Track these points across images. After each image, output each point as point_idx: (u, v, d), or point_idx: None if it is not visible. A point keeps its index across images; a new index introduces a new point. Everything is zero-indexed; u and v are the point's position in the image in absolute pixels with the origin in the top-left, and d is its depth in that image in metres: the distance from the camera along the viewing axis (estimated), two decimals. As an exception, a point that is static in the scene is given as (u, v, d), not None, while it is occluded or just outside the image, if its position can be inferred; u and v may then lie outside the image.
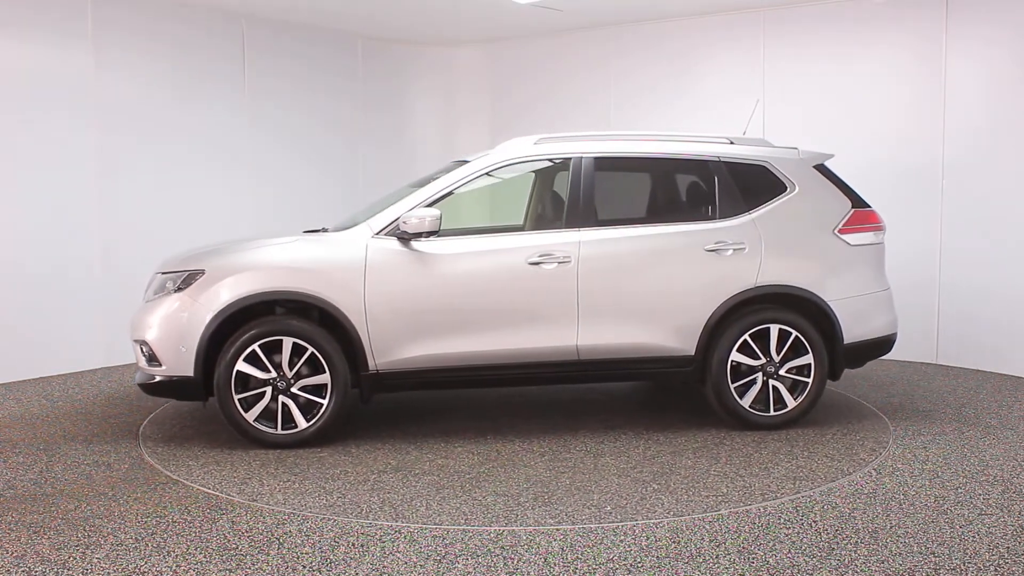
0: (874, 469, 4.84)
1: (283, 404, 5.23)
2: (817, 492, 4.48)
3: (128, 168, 7.72)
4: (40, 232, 7.21)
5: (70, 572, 3.57)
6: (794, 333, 5.52)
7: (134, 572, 3.57)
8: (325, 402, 5.25)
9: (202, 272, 5.26)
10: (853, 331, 5.63)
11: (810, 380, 5.56)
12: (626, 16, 8.70)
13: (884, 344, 5.83)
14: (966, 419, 5.86)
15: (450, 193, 5.48)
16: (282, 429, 5.24)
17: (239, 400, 5.19)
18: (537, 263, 5.36)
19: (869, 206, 5.81)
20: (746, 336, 5.49)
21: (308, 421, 5.25)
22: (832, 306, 5.58)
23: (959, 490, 4.49)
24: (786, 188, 5.68)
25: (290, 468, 4.94)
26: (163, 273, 5.45)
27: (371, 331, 5.23)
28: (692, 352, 5.50)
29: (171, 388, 5.31)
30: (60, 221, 7.32)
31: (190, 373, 5.17)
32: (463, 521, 4.12)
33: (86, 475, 4.81)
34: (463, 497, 4.44)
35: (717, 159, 5.69)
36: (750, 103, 7.77)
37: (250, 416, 5.21)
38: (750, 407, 5.54)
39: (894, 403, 6.30)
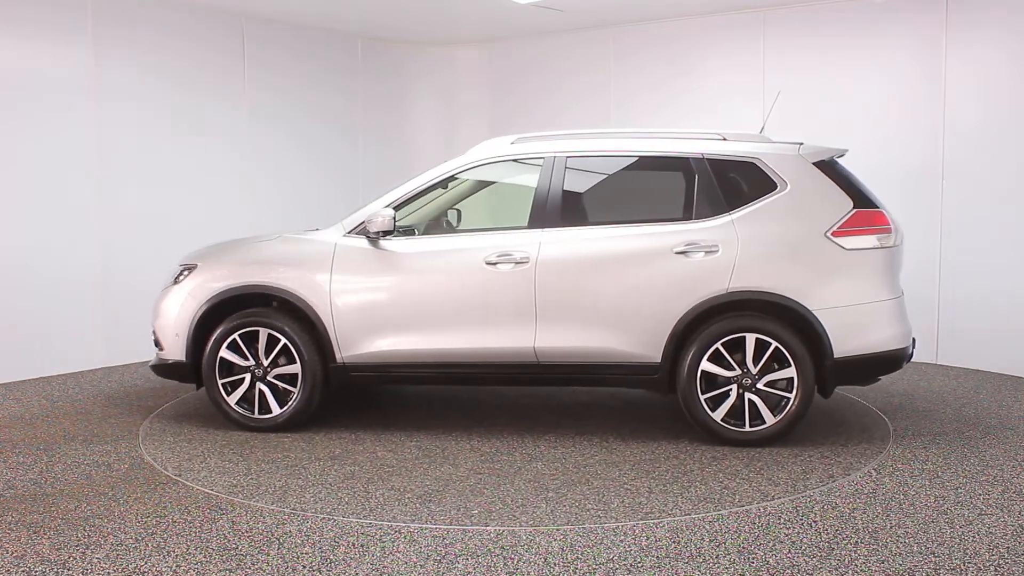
0: (874, 469, 4.84)
1: (260, 391, 5.58)
2: (817, 492, 4.48)
3: (128, 167, 7.71)
4: (40, 232, 7.20)
5: (70, 572, 3.57)
6: (773, 344, 5.09)
7: (134, 572, 3.57)
8: (296, 391, 5.52)
9: (195, 266, 5.76)
10: (846, 344, 5.11)
11: (792, 395, 5.12)
12: (626, 16, 8.70)
13: (888, 360, 5.24)
14: (966, 419, 5.86)
15: (421, 194, 5.63)
16: (259, 414, 5.58)
17: (223, 385, 5.60)
18: (494, 263, 5.35)
19: (877, 207, 5.27)
20: (718, 345, 5.13)
21: (281, 408, 5.56)
22: (818, 316, 5.09)
23: (959, 490, 4.49)
24: (776, 187, 5.25)
25: (242, 451, 5.25)
26: (179, 265, 5.93)
27: (336, 325, 5.47)
28: (658, 360, 5.23)
29: (170, 370, 5.77)
30: (60, 221, 7.31)
31: (183, 358, 5.65)
32: (329, 511, 4.25)
33: (86, 475, 4.81)
34: (357, 490, 4.56)
35: (700, 156, 5.36)
36: (750, 103, 7.79)
37: (231, 400, 5.59)
38: (723, 421, 5.18)
39: (894, 403, 6.29)
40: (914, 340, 5.50)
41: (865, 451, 5.16)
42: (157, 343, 5.82)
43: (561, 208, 5.42)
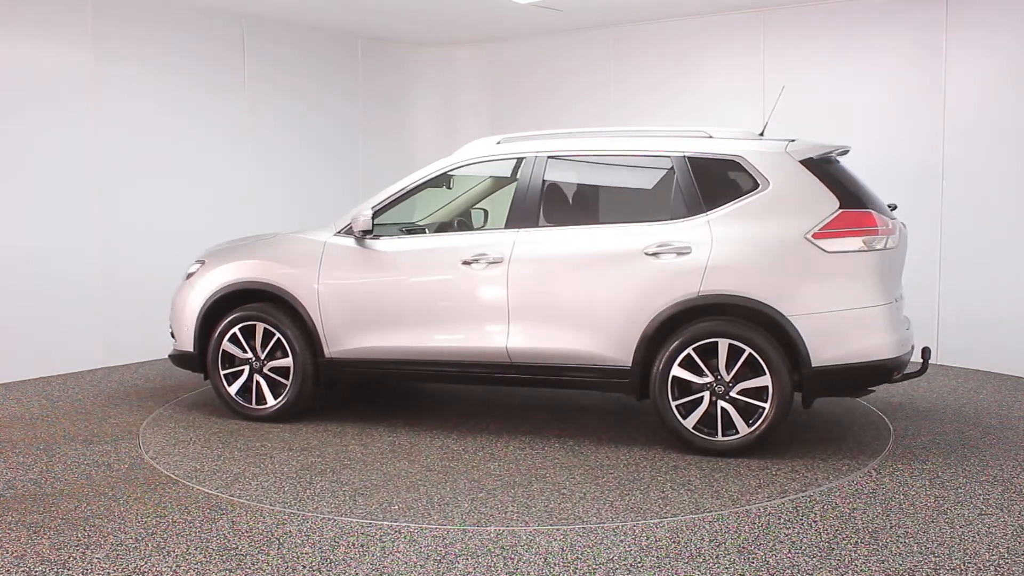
0: (874, 469, 4.84)
1: (256, 382, 5.82)
2: (817, 492, 4.48)
3: (128, 166, 7.71)
4: (40, 232, 7.20)
5: (70, 572, 3.58)
6: (747, 350, 4.85)
7: (134, 572, 3.57)
8: (288, 383, 5.72)
9: (203, 263, 6.05)
10: (824, 352, 4.82)
11: (767, 404, 4.87)
12: (627, 16, 8.69)
13: (873, 371, 4.88)
14: (966, 419, 5.86)
15: (408, 194, 5.71)
16: (255, 404, 5.82)
17: (224, 375, 5.88)
18: (469, 263, 5.37)
19: (866, 207, 4.93)
20: (690, 350, 4.94)
21: (276, 399, 5.79)
22: (793, 322, 4.82)
23: (959, 490, 4.49)
24: (757, 186, 5.00)
25: (227, 440, 5.47)
26: (195, 261, 6.18)
27: (323, 321, 5.64)
28: (628, 364, 5.09)
29: (182, 360, 6.08)
30: (60, 220, 7.31)
31: (191, 349, 5.95)
32: (264, 499, 4.37)
33: (86, 475, 4.81)
34: (303, 481, 4.68)
35: (681, 155, 5.16)
36: (750, 103, 7.77)
37: (232, 390, 5.86)
38: (695, 429, 4.98)
39: (894, 403, 6.29)
40: (928, 350, 5.37)
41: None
42: (172, 334, 6.16)
43: (538, 208, 5.38)
